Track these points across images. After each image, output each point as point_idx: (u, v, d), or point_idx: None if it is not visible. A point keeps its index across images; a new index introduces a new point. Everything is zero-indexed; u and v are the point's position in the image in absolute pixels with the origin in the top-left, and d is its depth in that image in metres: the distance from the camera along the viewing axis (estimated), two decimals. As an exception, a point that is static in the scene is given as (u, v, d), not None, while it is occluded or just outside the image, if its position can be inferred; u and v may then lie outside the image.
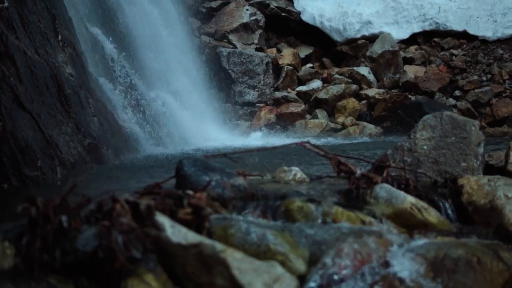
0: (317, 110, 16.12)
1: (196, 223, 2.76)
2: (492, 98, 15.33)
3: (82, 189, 2.71)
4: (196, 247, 2.47)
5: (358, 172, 3.47)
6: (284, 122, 15.99)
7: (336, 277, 2.69)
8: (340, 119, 15.71)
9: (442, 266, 2.84)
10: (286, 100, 16.58)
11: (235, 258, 2.44)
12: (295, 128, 15.56)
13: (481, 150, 3.89)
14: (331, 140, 13.78)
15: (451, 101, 15.53)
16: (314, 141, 3.92)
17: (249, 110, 16.60)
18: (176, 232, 2.51)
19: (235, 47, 17.73)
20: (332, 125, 15.60)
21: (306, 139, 3.85)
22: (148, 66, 13.07)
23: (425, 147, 3.89)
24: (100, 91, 9.51)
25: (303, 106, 16.36)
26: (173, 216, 2.68)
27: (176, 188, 3.32)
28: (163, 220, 2.54)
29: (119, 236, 2.41)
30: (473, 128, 3.93)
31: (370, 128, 15.31)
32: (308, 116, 16.22)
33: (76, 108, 7.47)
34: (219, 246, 2.47)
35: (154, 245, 2.53)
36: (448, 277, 2.80)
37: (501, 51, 17.24)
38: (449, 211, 3.44)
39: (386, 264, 2.85)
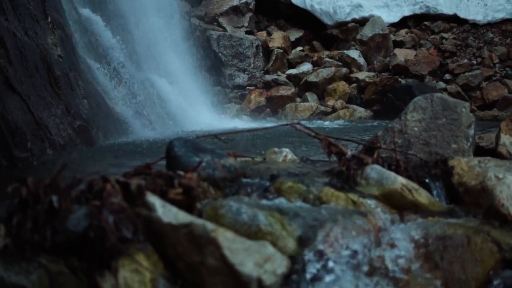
0: (307, 93, 16.12)
1: (187, 203, 2.76)
2: (482, 82, 15.37)
3: (72, 170, 2.70)
4: (187, 226, 2.47)
5: (349, 153, 3.47)
6: (274, 105, 15.98)
7: (327, 257, 2.70)
8: (330, 102, 15.72)
9: (432, 246, 2.84)
10: (276, 83, 16.57)
11: (226, 238, 2.44)
12: (285, 111, 15.54)
13: (471, 131, 3.89)
14: (321, 123, 13.77)
15: (441, 84, 15.55)
16: (304, 123, 3.92)
17: (239, 93, 16.59)
18: (166, 212, 2.51)
19: (225, 30, 17.69)
20: (322, 108, 15.60)
21: (296, 121, 3.85)
22: (138, 49, 13.03)
23: (415, 128, 3.89)
24: (90, 73, 9.48)
25: (293, 89, 16.36)
26: (163, 196, 2.68)
27: (167, 169, 3.31)
28: (153, 200, 2.54)
29: (110, 216, 2.41)
30: (463, 109, 3.93)
31: (360, 111, 15.34)
32: (298, 99, 16.22)
33: (66, 90, 7.44)
34: (210, 225, 2.46)
35: (145, 225, 2.53)
36: (439, 257, 2.81)
37: (491, 35, 17.27)
38: (440, 192, 3.45)
39: (377, 245, 2.86)
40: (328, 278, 2.65)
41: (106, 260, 2.41)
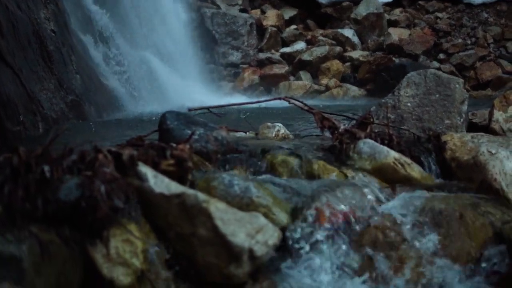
0: (300, 72, 16.09)
1: (179, 175, 2.75)
2: (476, 62, 15.36)
3: (64, 142, 2.69)
4: (179, 197, 2.47)
5: (342, 127, 3.47)
6: (268, 83, 15.95)
7: (318, 229, 2.70)
8: (324, 81, 15.69)
9: (424, 220, 2.85)
10: (270, 61, 16.53)
11: (218, 208, 2.44)
12: (279, 90, 15.51)
13: (464, 107, 3.90)
14: (314, 102, 13.76)
15: (435, 64, 15.53)
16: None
17: (232, 71, 16.55)
18: (158, 182, 2.51)
19: (219, 8, 17.62)
20: (316, 87, 15.57)
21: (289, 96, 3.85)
22: (132, 25, 12.98)
23: (409, 104, 3.89)
24: (83, 49, 9.45)
25: (286, 68, 16.32)
26: (156, 167, 2.68)
27: (159, 142, 3.31)
28: (145, 170, 2.54)
29: (102, 185, 2.40)
30: (457, 86, 3.93)
31: (354, 90, 15.32)
32: (291, 77, 16.18)
33: (59, 64, 7.41)
34: (202, 196, 2.46)
35: (137, 195, 2.52)
36: (431, 230, 2.81)
37: (486, 15, 17.25)
38: (432, 167, 3.46)
39: (368, 218, 2.86)
40: (319, 250, 2.66)
41: (97, 230, 2.40)
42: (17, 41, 6.24)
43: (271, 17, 17.65)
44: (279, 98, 3.82)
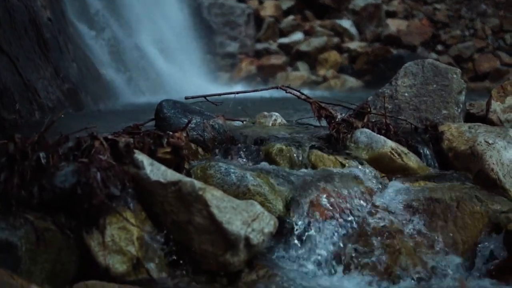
0: (298, 63, 16.06)
1: (175, 163, 2.75)
2: (474, 53, 15.36)
3: (60, 130, 2.69)
4: (175, 184, 2.47)
5: (339, 116, 3.47)
6: (265, 74, 15.92)
7: (314, 218, 2.71)
8: (322, 72, 15.67)
9: (422, 210, 2.85)
10: (267, 52, 16.50)
11: (214, 196, 2.44)
12: (276, 80, 15.48)
13: (462, 98, 3.90)
14: (312, 93, 13.74)
15: (433, 55, 15.52)
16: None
17: (230, 62, 16.52)
18: (155, 170, 2.51)
19: (216, -3, 17.59)
20: (313, 77, 15.55)
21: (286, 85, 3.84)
22: (129, 14, 12.95)
23: (406, 94, 3.89)
24: (80, 38, 9.43)
25: (284, 58, 16.29)
26: (152, 155, 2.68)
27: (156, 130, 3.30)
28: (142, 158, 2.54)
29: (98, 173, 2.40)
30: (454, 76, 3.93)
31: (351, 81, 15.30)
32: (289, 68, 16.16)
33: (55, 53, 7.40)
34: (198, 184, 2.46)
35: (133, 183, 2.52)
36: (428, 220, 2.82)
37: (484, 7, 17.23)
38: (429, 157, 3.46)
39: (365, 207, 2.87)
40: (315, 239, 2.67)
41: (93, 217, 2.41)
42: (13, 29, 6.23)
43: (268, 8, 17.61)
44: (276, 87, 3.83)
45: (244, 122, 4.00)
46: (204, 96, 3.58)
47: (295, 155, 3.23)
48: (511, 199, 3.07)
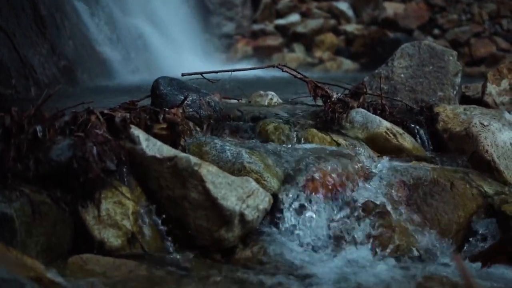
0: (294, 44, 16.03)
1: (171, 139, 2.76)
2: (471, 38, 15.33)
3: (56, 105, 2.69)
4: (171, 160, 2.48)
5: (335, 96, 3.47)
6: (261, 55, 15.89)
7: (309, 196, 2.72)
8: (318, 54, 15.64)
9: (416, 190, 2.87)
10: (264, 33, 16.46)
11: (209, 172, 2.45)
12: (272, 61, 15.45)
13: (458, 80, 3.91)
14: (308, 74, 13.70)
15: (430, 39, 15.48)
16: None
17: (226, 42, 16.49)
18: (151, 145, 2.51)
19: (213, -23, 17.54)
20: (310, 59, 15.53)
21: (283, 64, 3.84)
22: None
23: (402, 75, 3.90)
24: (77, 15, 9.39)
25: (280, 40, 16.25)
26: (148, 131, 2.68)
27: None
28: (138, 133, 2.54)
29: (94, 147, 2.41)
30: (451, 58, 3.94)
31: (348, 63, 15.28)
32: (285, 49, 16.13)
33: (52, 29, 7.38)
34: (194, 159, 2.47)
35: (129, 158, 2.53)
36: (422, 200, 2.84)
37: (481, -9, 17.20)
38: (424, 138, 3.47)
39: (359, 186, 2.88)
40: (310, 216, 2.68)
41: (89, 191, 2.42)
42: (10, 6, 6.21)
43: (266, -12, 17.58)
44: (273, 66, 3.83)
45: (240, 101, 4.00)
46: (201, 73, 3.57)
47: (290, 133, 3.24)
48: (504, 180, 3.09)
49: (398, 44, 14.29)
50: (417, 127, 3.49)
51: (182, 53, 13.60)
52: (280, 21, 17.03)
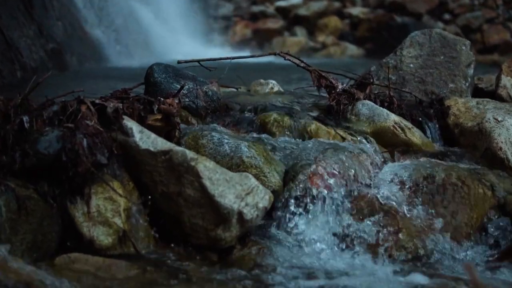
0: (296, 28, 15.98)
1: (166, 130, 2.75)
2: (483, 24, 15.30)
3: (44, 91, 2.68)
4: (166, 154, 2.46)
5: (340, 87, 3.46)
6: (261, 38, 15.84)
7: (311, 193, 2.70)
8: (321, 38, 15.60)
9: (424, 188, 2.86)
10: (264, 15, 16.42)
11: (206, 167, 2.44)
12: (272, 46, 15.40)
13: (470, 71, 3.89)
14: (310, 60, 13.68)
15: (440, 24, 15.45)
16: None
17: (224, 24, 16.45)
18: (144, 138, 2.50)
19: (211, -44, 17.49)
20: (312, 44, 15.48)
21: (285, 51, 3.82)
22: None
23: (411, 65, 3.88)
24: (66, -5, 9.37)
25: (281, 23, 16.20)
26: (142, 122, 2.67)
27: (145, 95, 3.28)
28: (131, 124, 2.53)
29: (84, 139, 2.40)
30: (463, 47, 3.92)
31: (352, 49, 15.25)
32: (286, 33, 16.10)
33: (39, 10, 7.35)
34: (190, 154, 2.46)
35: (121, 151, 2.52)
36: (431, 200, 2.82)
37: (495, -26, 17.17)
38: (434, 133, 3.46)
39: (364, 184, 2.87)
40: (312, 214, 2.67)
41: (78, 186, 2.41)
42: (-6, -16, 6.20)
43: (267, -32, 17.53)
44: (274, 53, 3.80)
45: (239, 90, 3.98)
46: (198, 61, 3.55)
47: (292, 125, 3.22)
48: (519, 179, 3.08)
49: (406, 29, 14.29)
50: (427, 121, 3.48)
51: (177, 35, 13.56)
52: (281, 3, 16.97)
